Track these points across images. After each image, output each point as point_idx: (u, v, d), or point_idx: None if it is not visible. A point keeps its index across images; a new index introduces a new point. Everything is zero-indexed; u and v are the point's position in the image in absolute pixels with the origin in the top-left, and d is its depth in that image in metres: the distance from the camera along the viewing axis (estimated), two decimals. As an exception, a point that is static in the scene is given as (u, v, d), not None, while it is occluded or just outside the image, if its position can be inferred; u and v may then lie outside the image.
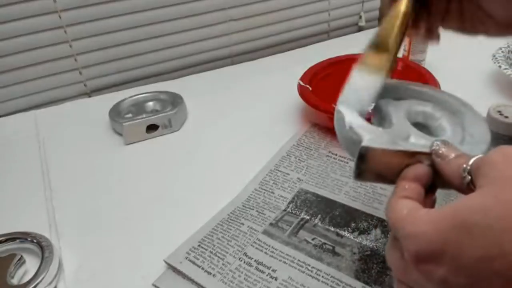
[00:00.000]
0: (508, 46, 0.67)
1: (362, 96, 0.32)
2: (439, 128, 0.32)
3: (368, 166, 0.28)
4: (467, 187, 0.24)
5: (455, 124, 0.32)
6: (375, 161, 0.27)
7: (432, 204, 0.27)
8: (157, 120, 0.60)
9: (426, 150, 0.27)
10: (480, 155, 0.24)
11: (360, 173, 0.28)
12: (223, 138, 0.59)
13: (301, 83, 0.60)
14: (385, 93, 0.34)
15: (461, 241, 0.20)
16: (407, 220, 0.23)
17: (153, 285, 0.38)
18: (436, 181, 0.27)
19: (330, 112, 0.54)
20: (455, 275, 0.21)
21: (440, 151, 0.26)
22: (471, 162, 0.24)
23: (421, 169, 0.27)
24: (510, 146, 0.22)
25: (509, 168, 0.21)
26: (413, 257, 0.22)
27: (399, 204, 0.25)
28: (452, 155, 0.26)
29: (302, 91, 0.58)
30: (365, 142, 0.27)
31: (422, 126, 0.32)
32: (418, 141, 0.29)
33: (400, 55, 0.70)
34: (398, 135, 0.29)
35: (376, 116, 0.33)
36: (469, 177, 0.23)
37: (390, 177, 0.27)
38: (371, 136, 0.28)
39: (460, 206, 0.21)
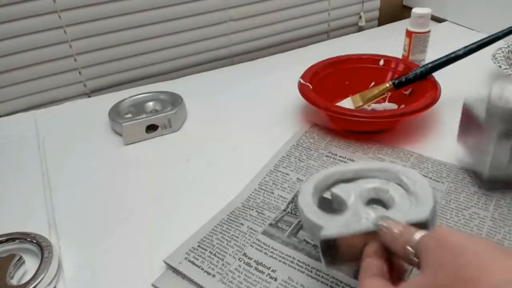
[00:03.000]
0: (508, 46, 0.67)
1: (318, 186, 0.37)
2: (390, 199, 0.34)
3: (334, 252, 0.31)
4: (418, 265, 0.26)
5: (400, 190, 0.35)
6: (337, 247, 0.30)
7: (400, 269, 0.30)
8: (156, 120, 0.60)
9: (373, 228, 0.30)
10: (420, 235, 0.27)
11: (329, 261, 0.31)
12: (222, 138, 0.59)
13: (302, 81, 0.60)
14: (337, 180, 0.37)
15: None
16: None
17: (153, 285, 0.38)
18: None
19: (330, 111, 0.54)
20: None
21: (383, 230, 0.29)
22: (414, 242, 0.26)
23: (376, 245, 0.29)
24: (443, 229, 0.26)
25: (440, 255, 0.24)
26: None
27: (368, 285, 0.27)
28: (395, 232, 0.28)
29: (302, 89, 0.58)
30: (321, 235, 0.30)
31: (378, 201, 0.35)
32: (370, 217, 0.31)
33: (400, 55, 0.70)
34: (352, 218, 0.32)
35: (335, 202, 0.36)
36: (416, 260, 0.26)
37: (357, 255, 0.30)
38: (327, 225, 0.31)
39: None
